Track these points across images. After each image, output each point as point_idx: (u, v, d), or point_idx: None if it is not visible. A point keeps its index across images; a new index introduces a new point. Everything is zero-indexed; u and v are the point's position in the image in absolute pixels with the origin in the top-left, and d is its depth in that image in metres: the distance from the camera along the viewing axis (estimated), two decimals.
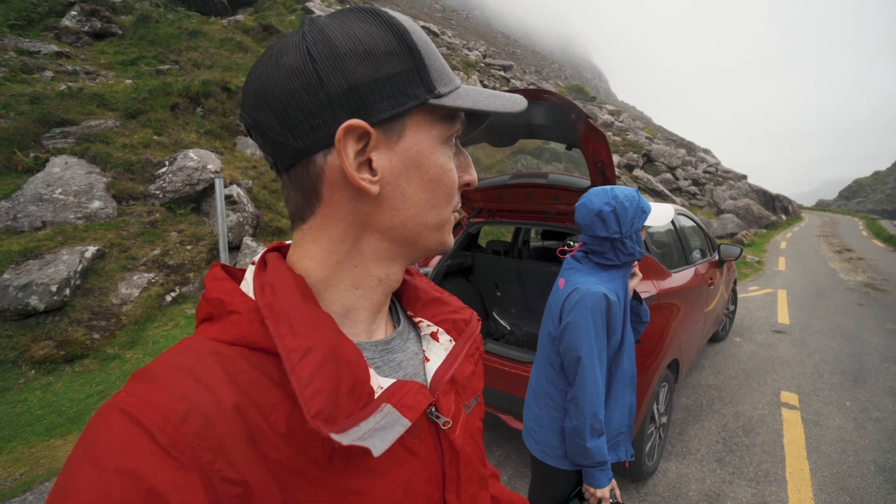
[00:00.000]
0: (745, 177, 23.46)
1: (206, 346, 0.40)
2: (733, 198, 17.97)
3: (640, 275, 1.60)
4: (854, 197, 78.70)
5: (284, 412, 0.38)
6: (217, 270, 0.46)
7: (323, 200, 0.44)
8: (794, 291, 7.40)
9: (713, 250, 4.03)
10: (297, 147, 0.42)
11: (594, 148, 2.04)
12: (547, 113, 2.12)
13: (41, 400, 3.02)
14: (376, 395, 0.43)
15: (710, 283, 3.51)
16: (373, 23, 0.42)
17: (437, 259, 3.02)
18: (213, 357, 0.39)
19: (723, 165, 25.31)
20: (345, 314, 0.47)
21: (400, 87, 0.41)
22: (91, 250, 3.98)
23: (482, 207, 3.07)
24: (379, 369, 0.48)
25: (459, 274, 3.49)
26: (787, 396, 3.67)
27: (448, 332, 0.56)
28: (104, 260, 4.09)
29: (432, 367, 0.52)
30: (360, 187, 0.42)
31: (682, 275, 2.97)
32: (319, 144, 0.41)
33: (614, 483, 1.41)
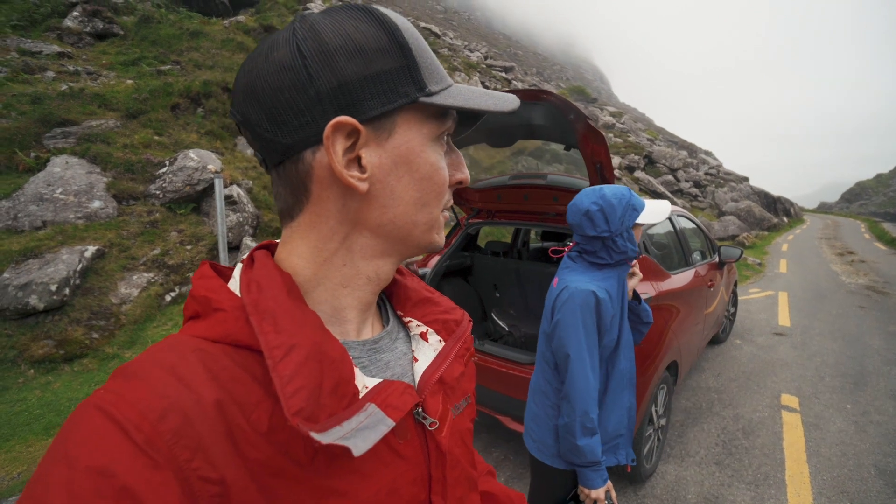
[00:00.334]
0: (746, 179, 23.41)
1: (190, 344, 0.39)
2: (735, 200, 17.94)
3: (639, 275, 1.58)
4: (856, 199, 78.52)
5: (266, 411, 0.38)
6: (205, 268, 0.45)
7: (312, 198, 0.44)
8: (796, 294, 7.37)
9: (713, 252, 4.02)
10: (285, 143, 0.41)
11: (593, 149, 2.03)
12: (546, 113, 2.12)
13: (40, 399, 3.02)
14: (361, 394, 0.42)
15: (710, 285, 3.50)
16: (364, 20, 0.41)
17: (435, 259, 3.01)
18: (195, 354, 0.38)
19: (724, 167, 25.26)
20: (333, 313, 0.47)
21: (390, 84, 0.41)
22: (91, 250, 3.99)
23: (481, 208, 3.07)
24: (366, 369, 0.47)
25: (458, 275, 3.49)
26: (788, 399, 3.65)
27: (438, 332, 0.55)
28: (104, 259, 4.09)
29: (421, 367, 0.52)
30: (348, 184, 0.41)
31: (682, 276, 2.97)
32: (308, 141, 0.41)
33: (610, 485, 1.39)
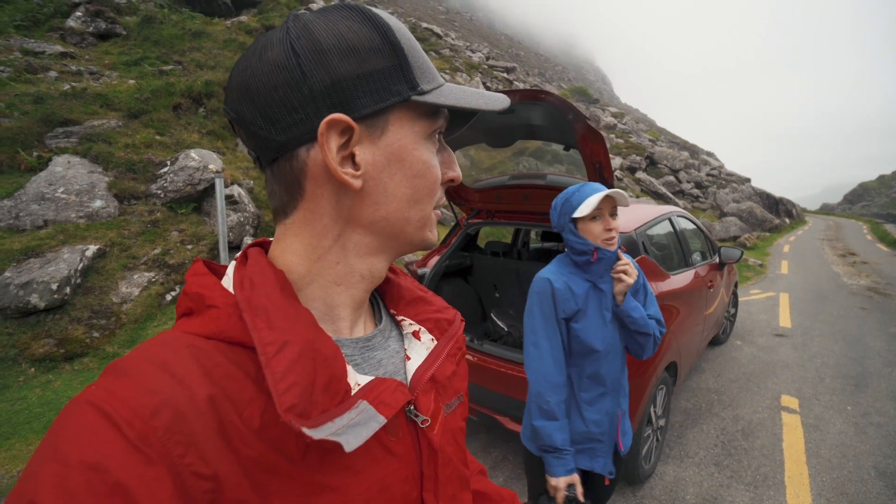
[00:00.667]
0: (748, 180, 23.36)
1: (183, 340, 0.39)
2: (736, 201, 17.89)
3: (626, 280, 1.42)
4: (859, 201, 78.24)
5: (259, 408, 0.38)
6: (199, 266, 0.46)
7: (306, 195, 0.44)
8: (797, 295, 7.35)
9: (714, 253, 4.01)
10: (279, 141, 0.42)
11: (592, 149, 2.03)
12: (545, 114, 2.12)
13: (40, 398, 3.03)
14: (353, 391, 0.42)
15: (710, 286, 3.50)
16: (357, 19, 0.42)
17: (435, 259, 3.01)
18: (188, 351, 0.38)
19: (726, 168, 25.20)
20: (326, 310, 0.47)
21: (383, 83, 0.42)
22: (92, 249, 4.00)
23: (481, 208, 3.07)
24: (358, 366, 0.47)
25: (458, 275, 3.49)
26: (788, 400, 3.64)
27: (430, 331, 0.56)
28: (105, 259, 4.11)
29: (413, 365, 0.52)
30: (342, 181, 0.42)
31: (682, 277, 2.96)
32: (302, 139, 0.41)
33: (576, 479, 1.37)
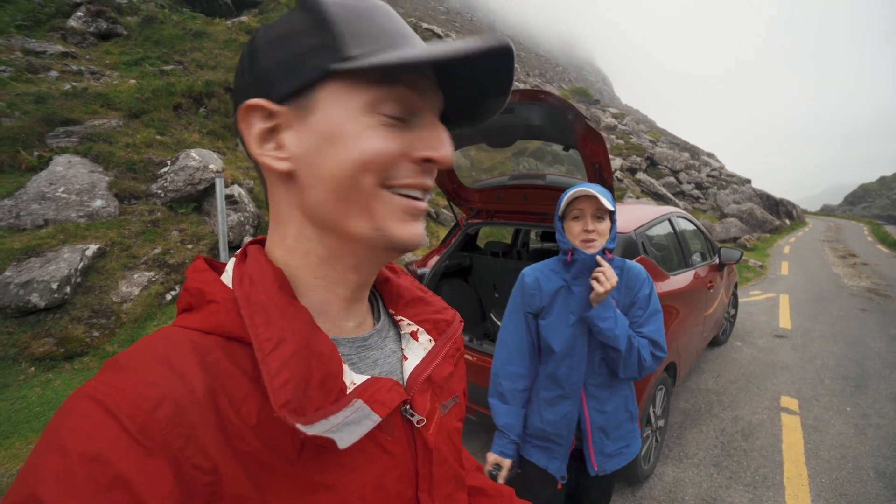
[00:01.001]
0: (749, 181, 23.35)
1: (182, 335, 0.40)
2: (737, 202, 17.88)
3: (596, 287, 1.30)
4: (860, 202, 78.16)
5: (255, 405, 0.38)
6: (199, 262, 0.46)
7: (267, 185, 0.46)
8: (797, 296, 7.34)
9: (713, 254, 4.01)
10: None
11: (592, 149, 2.03)
12: (545, 114, 2.12)
13: (40, 397, 3.04)
14: (349, 390, 0.42)
15: (709, 287, 3.50)
16: (297, 9, 0.43)
17: (434, 259, 3.01)
18: (187, 345, 0.39)
19: (727, 169, 25.18)
20: (318, 307, 0.46)
21: (301, 61, 0.41)
22: (92, 248, 4.01)
23: (480, 208, 3.07)
24: (354, 366, 0.47)
25: (458, 275, 3.49)
26: (787, 401, 3.64)
27: (428, 331, 0.56)
28: (105, 258, 4.11)
29: (410, 365, 0.52)
30: (265, 165, 0.43)
31: (682, 277, 2.96)
32: None
33: (505, 463, 1.41)
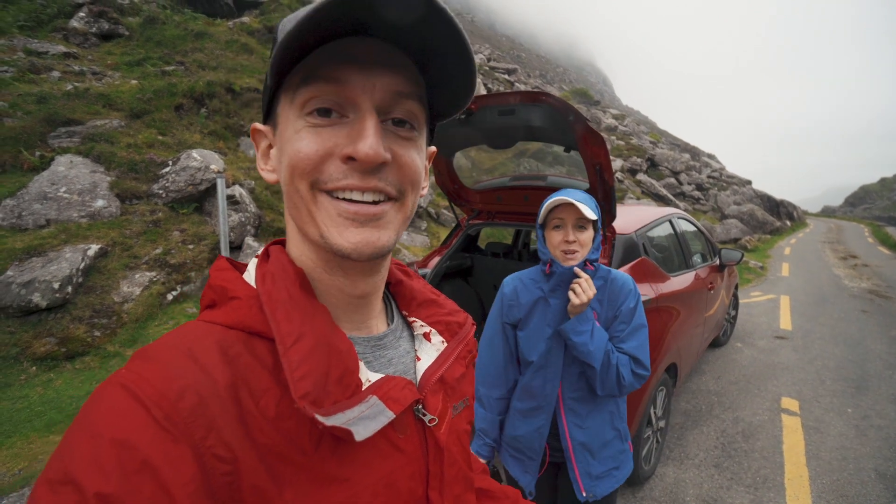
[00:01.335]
0: (749, 182, 23.33)
1: (205, 329, 0.41)
2: (737, 203, 17.87)
3: (572, 299, 1.26)
4: (860, 203, 78.08)
5: (274, 398, 0.40)
6: (222, 262, 0.48)
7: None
8: (797, 297, 7.34)
9: (714, 255, 4.01)
10: None
11: (592, 151, 2.04)
12: (545, 115, 2.12)
13: (42, 396, 3.04)
14: (364, 387, 0.44)
15: (710, 288, 3.50)
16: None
17: (435, 260, 3.02)
18: (211, 339, 0.40)
19: (727, 170, 25.17)
20: (336, 305, 0.48)
21: (266, 81, 0.46)
22: (94, 248, 4.01)
23: (481, 209, 3.08)
24: (369, 364, 0.49)
25: (458, 275, 3.49)
26: (788, 402, 3.64)
27: (441, 333, 0.57)
28: (107, 258, 4.12)
29: (422, 366, 0.53)
30: (263, 177, 0.48)
31: (682, 279, 2.96)
32: None
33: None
